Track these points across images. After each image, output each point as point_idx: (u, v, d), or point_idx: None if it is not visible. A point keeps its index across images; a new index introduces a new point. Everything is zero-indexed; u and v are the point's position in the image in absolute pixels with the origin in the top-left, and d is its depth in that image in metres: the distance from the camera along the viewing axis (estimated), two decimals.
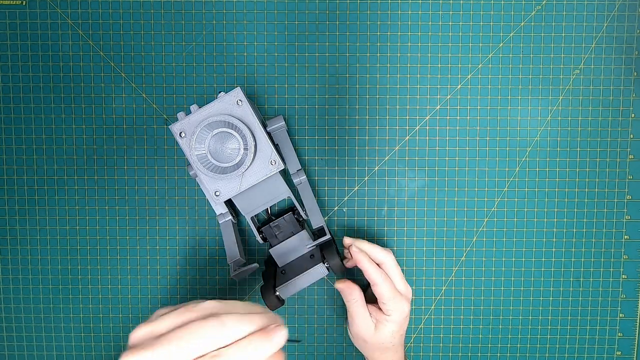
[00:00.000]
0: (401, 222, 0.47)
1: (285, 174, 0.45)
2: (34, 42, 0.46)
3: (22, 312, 0.48)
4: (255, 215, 0.43)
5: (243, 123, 0.38)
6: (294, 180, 0.43)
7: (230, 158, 0.38)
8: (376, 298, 0.42)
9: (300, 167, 0.44)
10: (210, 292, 0.48)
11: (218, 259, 0.48)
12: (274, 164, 0.39)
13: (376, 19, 0.46)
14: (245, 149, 0.38)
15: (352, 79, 0.46)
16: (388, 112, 0.47)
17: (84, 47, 0.46)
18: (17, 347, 0.48)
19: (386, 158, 0.47)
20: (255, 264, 0.42)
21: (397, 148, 0.47)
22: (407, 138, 0.47)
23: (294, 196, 0.43)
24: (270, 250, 0.43)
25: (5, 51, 0.46)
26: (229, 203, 0.45)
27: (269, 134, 0.42)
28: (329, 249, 0.42)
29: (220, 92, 0.39)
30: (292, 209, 0.46)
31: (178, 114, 0.38)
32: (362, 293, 0.42)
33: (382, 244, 0.48)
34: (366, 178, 0.47)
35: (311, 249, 0.43)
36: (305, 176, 0.44)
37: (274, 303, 0.42)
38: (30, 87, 0.46)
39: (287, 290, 0.42)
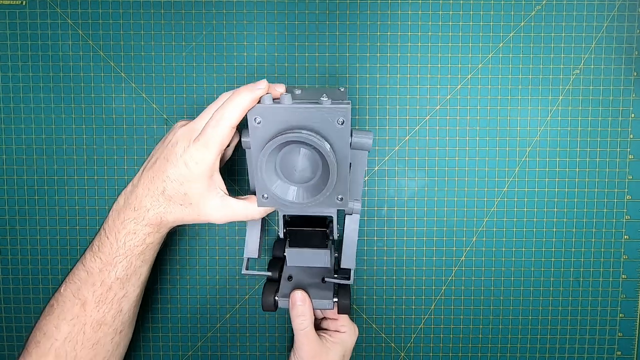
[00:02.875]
0: (401, 222, 0.48)
1: None
2: (34, 42, 0.46)
3: (22, 312, 0.48)
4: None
5: (334, 154, 0.31)
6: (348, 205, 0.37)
7: (293, 176, 0.33)
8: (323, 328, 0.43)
9: (359, 198, 0.40)
10: (210, 292, 0.48)
11: (218, 259, 0.48)
12: (339, 200, 0.34)
13: (376, 19, 0.46)
14: (323, 185, 0.32)
15: (352, 79, 0.46)
16: (388, 112, 0.47)
17: (84, 47, 0.46)
18: (17, 347, 0.48)
19: (386, 158, 0.47)
20: (269, 273, 0.41)
21: (397, 148, 0.47)
22: (407, 138, 0.47)
23: (337, 214, 0.39)
24: (287, 250, 0.40)
25: (5, 51, 0.46)
26: None
27: None
28: (344, 289, 0.41)
29: (324, 95, 0.32)
30: (326, 220, 0.42)
31: (264, 97, 0.33)
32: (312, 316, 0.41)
33: (382, 244, 0.48)
34: (366, 178, 0.47)
35: (325, 281, 0.41)
36: (359, 207, 0.39)
37: (269, 306, 0.40)
38: (30, 87, 0.46)
39: (287, 303, 0.41)
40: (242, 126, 0.41)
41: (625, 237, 0.47)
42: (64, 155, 0.47)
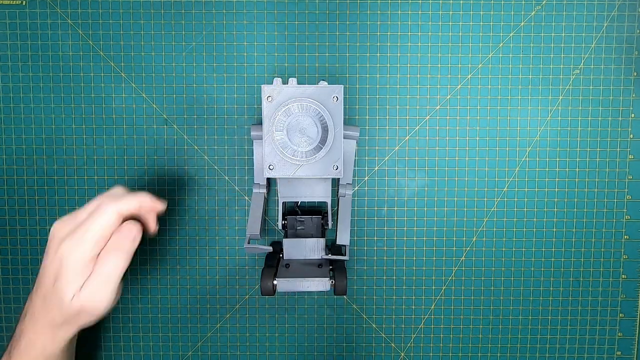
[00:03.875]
0: (401, 222, 0.48)
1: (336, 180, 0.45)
2: (34, 42, 0.46)
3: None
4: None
5: (332, 120, 0.38)
6: (340, 191, 0.44)
7: (301, 144, 0.39)
8: None
9: (351, 182, 0.44)
10: (210, 292, 0.48)
11: (218, 259, 0.48)
12: (335, 169, 0.39)
13: (376, 19, 0.46)
14: (321, 144, 0.39)
15: (352, 79, 0.46)
16: (388, 112, 0.47)
17: (84, 47, 0.46)
18: None
19: (386, 158, 0.47)
20: (270, 248, 0.42)
21: (397, 148, 0.47)
22: (407, 138, 0.47)
23: (331, 204, 0.43)
24: (284, 240, 0.43)
25: (5, 51, 0.46)
26: (268, 179, 0.45)
27: None
28: (341, 270, 0.42)
29: (322, 80, 0.39)
30: (321, 212, 0.46)
31: (275, 79, 0.39)
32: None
33: (382, 244, 0.48)
34: (366, 178, 0.47)
35: (322, 258, 0.43)
36: (352, 192, 0.44)
37: (268, 290, 0.41)
38: (30, 87, 0.46)
39: (286, 285, 0.41)
40: (252, 122, 0.47)
41: (625, 237, 0.47)
42: (64, 155, 0.47)
